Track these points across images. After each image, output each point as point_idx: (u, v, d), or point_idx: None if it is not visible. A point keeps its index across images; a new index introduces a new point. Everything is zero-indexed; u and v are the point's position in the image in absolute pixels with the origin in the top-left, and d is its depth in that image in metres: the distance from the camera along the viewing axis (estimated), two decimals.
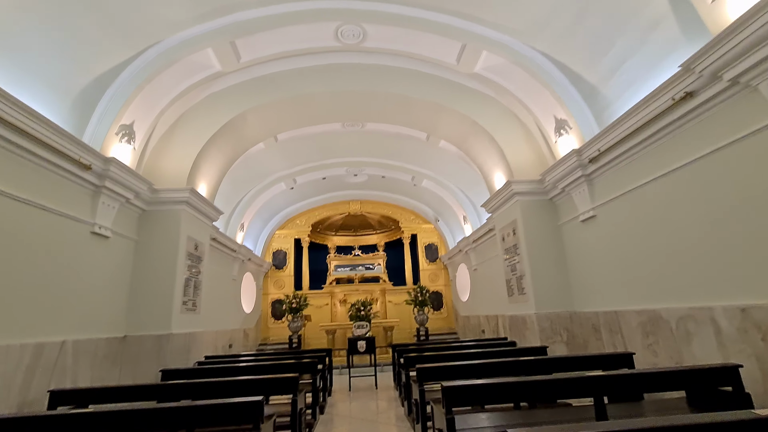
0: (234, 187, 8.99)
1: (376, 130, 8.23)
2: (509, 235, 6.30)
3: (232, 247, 9.03)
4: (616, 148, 4.41)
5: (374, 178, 11.16)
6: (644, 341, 4.15)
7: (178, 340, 5.21)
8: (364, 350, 7.09)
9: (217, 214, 6.59)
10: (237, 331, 9.51)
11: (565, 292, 5.58)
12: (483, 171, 7.09)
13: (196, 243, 5.93)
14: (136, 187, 5.01)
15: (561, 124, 5.40)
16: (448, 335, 11.65)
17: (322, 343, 11.00)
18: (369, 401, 6.03)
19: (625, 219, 4.47)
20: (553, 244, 5.79)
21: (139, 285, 5.21)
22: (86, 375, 4.28)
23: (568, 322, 5.44)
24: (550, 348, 5.17)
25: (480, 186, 9.10)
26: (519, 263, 5.97)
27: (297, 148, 8.72)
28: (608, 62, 4.51)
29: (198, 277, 5.92)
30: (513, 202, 6.06)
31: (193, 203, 5.70)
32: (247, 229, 10.40)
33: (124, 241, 5.14)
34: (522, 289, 5.86)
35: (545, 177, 5.74)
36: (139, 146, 5.23)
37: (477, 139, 6.65)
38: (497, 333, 8.41)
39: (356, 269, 12.79)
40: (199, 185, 6.09)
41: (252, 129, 6.62)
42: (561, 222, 5.81)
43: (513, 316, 6.13)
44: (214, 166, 6.45)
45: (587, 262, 5.22)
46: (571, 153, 5.00)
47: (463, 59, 5.66)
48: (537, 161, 6.12)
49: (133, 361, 4.92)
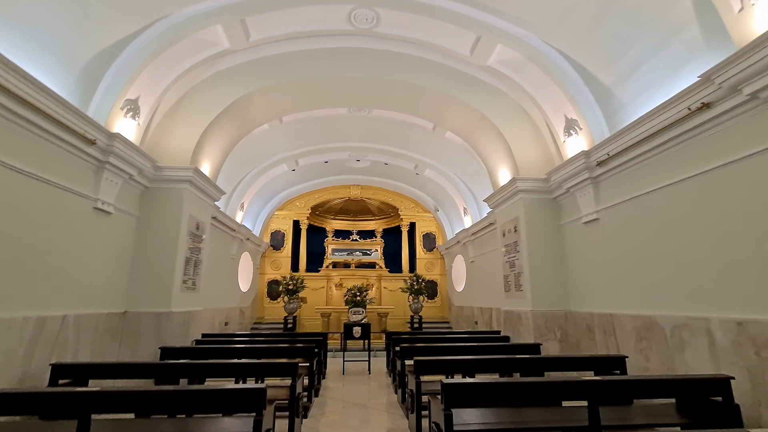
0: (236, 167, 8.91)
1: (382, 117, 8.13)
2: (510, 232, 6.32)
3: (232, 227, 9.02)
4: (626, 153, 4.39)
5: (377, 165, 11.09)
6: (637, 345, 4.24)
7: (178, 318, 5.26)
8: (360, 336, 7.20)
9: (220, 195, 6.55)
10: (233, 309, 9.60)
11: (562, 291, 5.65)
12: (488, 165, 7.06)
13: (198, 222, 5.91)
14: (139, 163, 4.95)
15: (571, 123, 5.35)
16: (441, 324, 11.83)
17: (317, 325, 11.14)
18: (362, 385, 6.16)
19: (629, 224, 4.49)
20: (554, 244, 5.82)
21: (140, 262, 5.21)
22: (86, 349, 4.32)
23: (562, 321, 5.53)
24: (544, 345, 5.27)
25: (483, 179, 9.08)
26: (518, 260, 6.01)
27: (301, 131, 8.62)
28: (625, 64, 4.45)
29: (198, 256, 5.93)
30: (517, 199, 6.06)
31: (196, 183, 5.65)
32: (247, 209, 10.37)
33: (126, 217, 5.11)
34: (519, 285, 5.92)
35: (551, 176, 5.72)
36: (143, 122, 5.15)
37: (484, 132, 6.60)
38: (490, 325, 8.55)
39: (353, 254, 12.85)
40: (203, 164, 6.03)
41: (258, 110, 6.51)
42: (563, 222, 5.84)
43: (508, 311, 6.22)
44: (218, 145, 6.38)
45: (586, 264, 5.26)
46: (579, 154, 4.98)
47: (477, 51, 5.56)
48: (543, 160, 6.10)
49: (133, 337, 4.97)
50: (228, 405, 2.56)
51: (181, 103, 5.74)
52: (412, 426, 3.84)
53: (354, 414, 4.61)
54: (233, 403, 2.56)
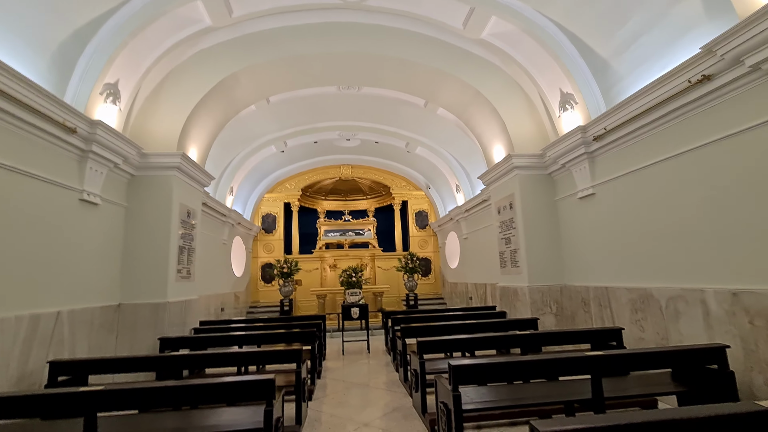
0: (223, 150, 8.65)
1: (372, 95, 7.92)
2: (505, 208, 6.33)
3: (222, 212, 8.85)
4: (624, 128, 4.37)
5: (367, 144, 10.91)
6: (632, 317, 4.35)
7: (174, 308, 5.19)
8: (358, 317, 7.26)
9: (209, 180, 6.37)
10: (228, 294, 9.55)
11: (557, 266, 5.74)
12: (482, 142, 6.99)
13: (189, 209, 5.76)
14: (124, 151, 4.74)
15: (567, 98, 5.28)
16: (435, 300, 12.01)
17: (313, 306, 11.21)
18: (362, 365, 6.25)
19: (625, 199, 4.52)
20: (549, 219, 5.86)
21: (132, 253, 5.08)
22: (83, 344, 4.25)
23: (558, 295, 5.63)
24: (540, 320, 5.38)
25: (475, 156, 9.02)
26: (514, 236, 6.05)
27: (289, 111, 8.36)
28: (623, 36, 4.36)
29: (191, 244, 5.82)
30: (512, 175, 6.04)
31: (184, 169, 5.46)
32: (237, 192, 10.17)
33: (114, 208, 4.93)
34: (516, 261, 5.99)
35: (546, 152, 5.70)
36: (125, 107, 4.90)
37: (478, 109, 6.49)
38: (485, 301, 8.70)
39: (346, 234, 12.81)
40: (190, 149, 5.82)
41: (244, 91, 6.26)
42: (558, 198, 5.86)
43: (505, 287, 6.31)
44: (205, 129, 6.14)
45: (581, 238, 5.33)
46: (575, 130, 4.94)
47: (470, 24, 5.38)
48: (538, 135, 6.05)
49: (130, 329, 4.90)
50: (239, 396, 2.55)
51: (163, 86, 5.47)
52: (418, 404, 3.92)
53: (357, 394, 4.69)
54: (244, 395, 2.55)
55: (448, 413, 2.77)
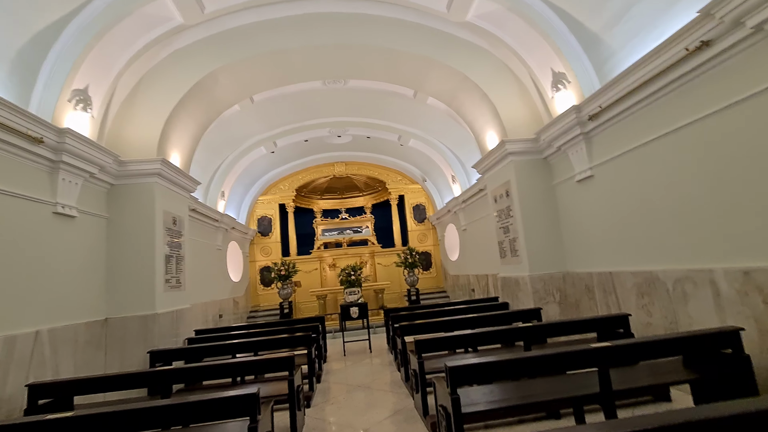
0: (210, 154, 8.45)
1: (359, 88, 7.70)
2: (502, 197, 6.13)
3: (214, 217, 8.67)
4: (619, 104, 4.15)
5: (359, 139, 10.69)
6: (639, 302, 4.16)
7: (165, 319, 5.02)
8: (357, 316, 7.09)
9: (194, 185, 6.17)
10: (226, 300, 9.39)
11: (558, 253, 5.55)
12: (474, 130, 6.77)
13: (174, 217, 5.57)
14: (99, 160, 4.54)
15: (559, 77, 5.06)
16: (438, 294, 11.85)
17: (313, 307, 11.05)
18: (364, 365, 6.09)
19: (625, 179, 4.31)
20: (547, 205, 5.66)
21: (116, 265, 4.90)
22: (68, 364, 4.08)
23: (560, 283, 5.45)
24: (543, 309, 5.20)
25: (470, 145, 8.81)
26: (512, 225, 5.85)
27: (275, 110, 8.15)
28: (613, 7, 4.13)
29: (180, 252, 5.63)
30: (507, 162, 5.83)
31: (165, 175, 5.27)
32: (229, 196, 9.98)
33: (94, 219, 4.75)
34: (515, 251, 5.80)
35: (540, 136, 5.48)
36: (98, 114, 4.69)
37: (468, 95, 6.26)
38: (487, 292, 8.52)
39: (344, 233, 12.63)
40: (171, 155, 5.62)
41: (224, 90, 6.05)
42: (555, 182, 5.65)
43: (506, 277, 6.13)
44: (186, 132, 5.94)
45: (582, 223, 5.13)
46: (570, 110, 4.72)
47: (454, 5, 5.15)
48: (531, 119, 5.83)
49: (119, 344, 4.73)
50: (222, 413, 2.38)
51: (138, 90, 5.26)
52: (418, 406, 3.75)
53: (359, 397, 4.52)
54: (227, 411, 2.38)
55: (448, 417, 2.60)
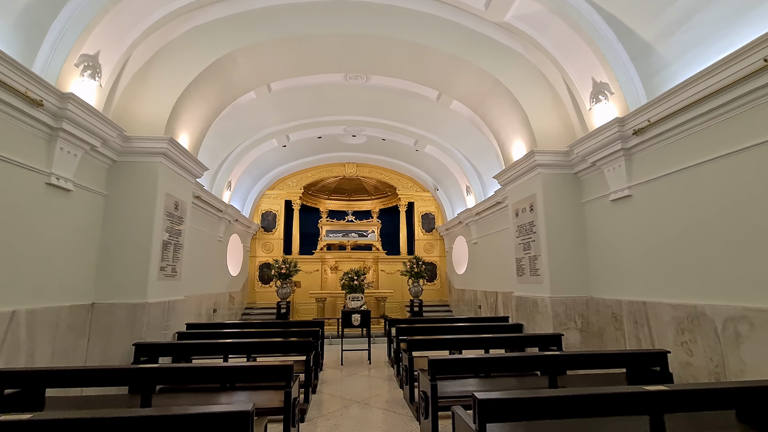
0: (221, 141, 8.15)
1: (381, 85, 7.39)
2: (524, 211, 5.76)
3: (219, 207, 8.34)
4: (671, 119, 3.79)
5: (373, 140, 10.38)
6: (678, 338, 3.76)
7: (156, 310, 4.65)
8: (359, 324, 6.69)
9: (201, 170, 5.85)
10: (222, 294, 9.02)
11: (583, 276, 5.15)
12: (499, 139, 6.43)
13: (177, 202, 5.23)
14: (102, 132, 4.22)
15: (600, 88, 4.72)
16: (440, 307, 11.42)
17: (312, 310, 10.65)
18: (363, 378, 5.68)
19: (669, 201, 3.94)
20: (574, 223, 5.28)
21: (110, 247, 4.56)
22: (45, 350, 3.71)
23: (583, 308, 5.05)
24: (564, 335, 4.78)
25: (489, 155, 8.47)
26: (534, 241, 5.47)
27: (292, 101, 7.85)
28: (672, 14, 3.79)
29: (178, 240, 5.28)
30: (534, 174, 5.47)
31: (172, 156, 4.94)
32: (235, 187, 9.66)
33: (91, 196, 4.42)
34: (536, 269, 5.41)
35: (574, 149, 5.12)
36: (106, 84, 4.39)
37: (497, 101, 5.93)
38: (495, 310, 8.11)
39: (349, 235, 12.27)
40: (180, 136, 5.30)
41: (242, 74, 5.75)
42: (585, 200, 5.28)
43: (522, 297, 5.73)
44: (198, 114, 5.63)
45: (613, 246, 4.74)
46: (612, 122, 4.36)
47: (494, 3, 4.85)
48: (564, 131, 5.48)
49: (104, 333, 4.36)
50: (208, 430, 2.01)
51: (152, 64, 4.96)
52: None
53: (356, 415, 4.11)
54: (214, 428, 2.01)
55: None
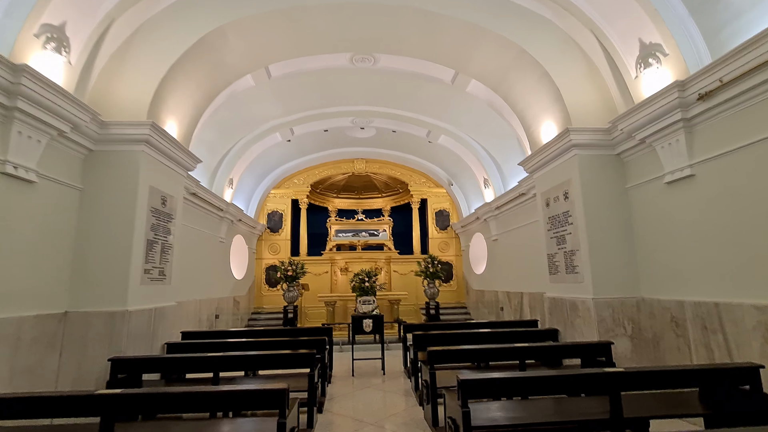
0: (220, 135, 7.62)
1: (390, 69, 6.76)
2: (557, 200, 5.04)
3: (219, 206, 7.80)
4: (749, 78, 3.06)
5: (383, 133, 9.75)
6: (766, 348, 3.01)
7: (139, 318, 4.08)
8: (371, 330, 6.04)
9: (194, 162, 5.28)
10: (226, 299, 8.48)
11: (632, 274, 4.42)
12: (524, 120, 5.72)
13: (164, 197, 4.67)
14: (72, 115, 3.67)
15: (650, 51, 3.99)
16: (458, 310, 10.70)
17: (321, 314, 10.04)
18: (376, 392, 5.03)
19: (748, 178, 3.20)
20: (618, 212, 4.55)
21: (86, 247, 4.01)
22: (3, 367, 3.16)
23: (634, 311, 4.30)
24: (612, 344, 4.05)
25: (509, 144, 7.75)
26: (570, 234, 4.75)
27: (294, 90, 7.27)
28: None
29: (167, 239, 4.72)
30: (569, 157, 4.75)
31: (156, 144, 4.38)
32: (237, 185, 9.13)
33: (62, 189, 3.87)
34: (573, 267, 4.68)
35: (617, 125, 4.39)
36: (77, 61, 3.84)
37: (522, 75, 5.23)
38: (520, 313, 7.37)
39: (359, 235, 11.64)
40: (167, 123, 4.74)
41: (235, 53, 5.17)
42: (631, 184, 4.54)
43: (556, 299, 5.00)
44: (187, 99, 5.06)
45: (670, 237, 4.00)
46: (669, 88, 3.63)
47: None
48: (602, 106, 4.75)
49: (79, 345, 3.81)
50: None
51: (132, 42, 4.41)
52: None
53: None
54: None
55: None
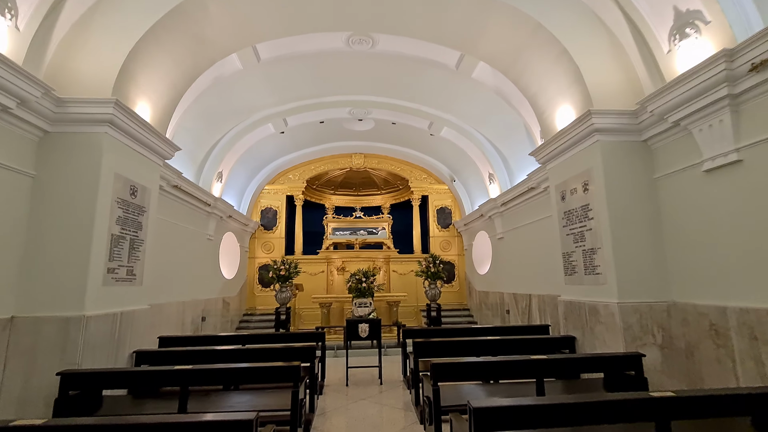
0: (207, 124, 7.11)
1: (390, 53, 6.24)
2: (574, 192, 4.53)
3: (206, 200, 7.28)
4: None
5: (382, 125, 9.23)
6: None
7: (99, 325, 3.56)
8: (367, 336, 5.53)
9: (171, 150, 4.76)
10: (214, 300, 7.96)
11: (661, 275, 3.90)
12: (537, 106, 5.20)
13: (134, 186, 4.15)
14: (17, 89, 3.16)
15: (687, 19, 3.47)
16: (460, 312, 10.19)
17: (315, 316, 9.53)
18: (374, 407, 4.52)
19: None
20: (646, 205, 4.04)
21: (38, 243, 3.49)
22: None
23: (664, 317, 3.79)
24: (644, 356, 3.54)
25: (517, 135, 7.25)
26: (590, 231, 4.24)
27: (287, 75, 6.76)
28: None
29: (138, 234, 4.20)
30: (590, 143, 4.23)
31: (122, 125, 3.86)
32: (228, 179, 8.61)
33: (10, 176, 3.36)
34: (593, 267, 4.17)
35: (646, 106, 3.88)
36: (27, 27, 3.33)
37: (538, 54, 4.71)
38: (529, 316, 6.86)
39: (357, 233, 11.13)
40: (138, 104, 4.22)
41: (216, 27, 4.64)
42: (660, 174, 4.02)
43: (573, 302, 4.49)
44: (163, 78, 4.54)
45: (708, 232, 3.49)
46: (714, 58, 3.11)
47: None
48: (628, 87, 4.23)
49: (27, 356, 3.29)
50: None
51: (97, 9, 3.89)
52: None
53: None
54: None
55: None
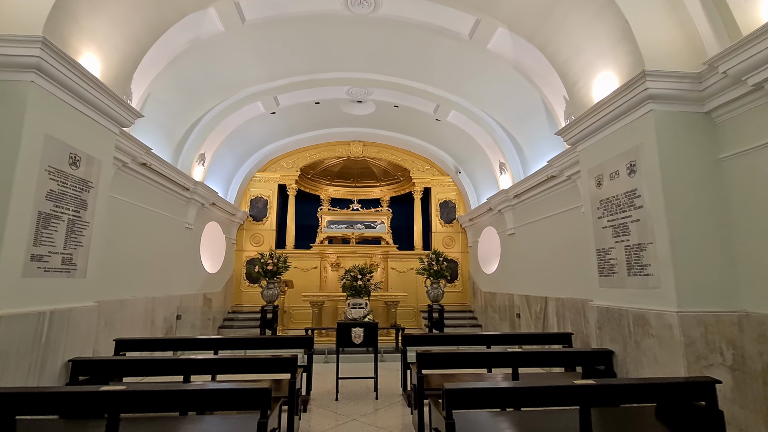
0: (186, 98, 6.30)
1: (394, 18, 5.45)
2: (615, 177, 3.75)
3: (184, 184, 6.49)
4: None
5: (384, 109, 8.45)
6: None
7: (16, 328, 2.77)
8: (362, 342, 4.74)
9: (130, 115, 3.95)
10: (193, 296, 7.17)
11: (729, 279, 3.13)
12: (568, 76, 4.40)
13: (76, 154, 3.35)
14: None
15: None
16: (463, 314, 9.43)
17: (306, 315, 8.74)
18: (366, 427, 3.75)
19: None
20: (710, 192, 3.26)
21: None
22: None
23: (734, 332, 3.02)
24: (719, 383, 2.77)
25: (534, 119, 6.48)
26: (638, 222, 3.47)
27: (276, 43, 5.95)
28: None
29: (81, 215, 3.40)
30: (641, 114, 3.44)
31: (55, 75, 3.04)
32: (212, 164, 7.81)
33: None
34: (642, 267, 3.40)
35: (716, 65, 3.09)
36: None
37: (574, 8, 3.90)
38: (544, 322, 6.10)
39: (354, 227, 10.35)
40: (83, 53, 3.40)
41: None
42: (728, 153, 3.25)
43: (611, 308, 3.71)
44: (119, 25, 3.71)
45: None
46: None
47: None
48: (687, 48, 3.44)
49: None
50: None
51: None
52: None
53: None
54: None
55: None
